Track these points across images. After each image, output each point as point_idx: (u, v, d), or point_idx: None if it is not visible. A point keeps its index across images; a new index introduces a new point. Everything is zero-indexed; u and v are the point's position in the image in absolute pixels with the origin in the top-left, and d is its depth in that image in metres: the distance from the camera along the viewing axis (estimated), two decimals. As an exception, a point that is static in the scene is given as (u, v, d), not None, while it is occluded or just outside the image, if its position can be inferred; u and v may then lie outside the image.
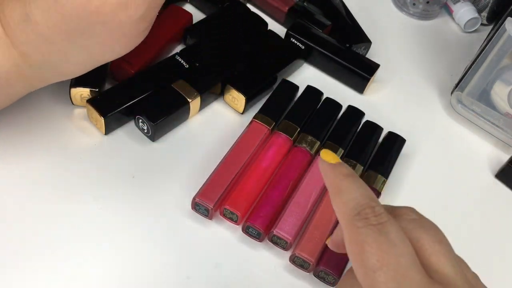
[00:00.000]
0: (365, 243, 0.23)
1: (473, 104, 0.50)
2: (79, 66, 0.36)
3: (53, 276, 0.35)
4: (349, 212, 0.25)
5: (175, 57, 0.46)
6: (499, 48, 0.48)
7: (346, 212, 0.25)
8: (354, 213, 0.25)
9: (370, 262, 0.23)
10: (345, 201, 0.26)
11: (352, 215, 0.25)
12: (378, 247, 0.23)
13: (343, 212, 0.25)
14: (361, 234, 0.24)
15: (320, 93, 0.48)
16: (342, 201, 0.26)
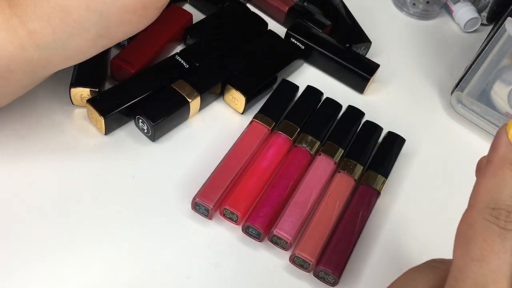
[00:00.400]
0: (482, 234, 0.23)
1: (473, 104, 0.50)
2: (89, 45, 0.35)
3: (52, 276, 0.35)
4: (487, 201, 0.24)
5: (175, 57, 0.46)
6: (499, 48, 0.48)
7: (484, 197, 0.25)
8: (490, 206, 0.24)
9: (474, 251, 0.23)
10: (490, 188, 0.25)
11: (487, 205, 0.24)
12: (491, 244, 0.23)
13: (481, 195, 0.25)
14: (484, 225, 0.24)
15: (320, 93, 0.48)
16: (488, 186, 0.25)
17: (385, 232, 0.42)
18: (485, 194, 0.25)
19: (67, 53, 0.35)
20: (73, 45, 0.35)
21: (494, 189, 0.25)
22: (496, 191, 0.25)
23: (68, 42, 0.34)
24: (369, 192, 0.42)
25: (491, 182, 0.25)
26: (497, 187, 0.25)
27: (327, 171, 0.42)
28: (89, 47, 0.36)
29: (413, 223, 0.43)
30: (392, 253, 0.41)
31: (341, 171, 0.42)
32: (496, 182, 0.25)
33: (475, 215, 0.24)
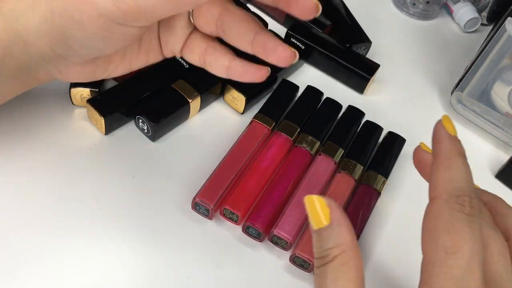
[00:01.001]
0: (453, 225, 0.23)
1: (473, 104, 0.50)
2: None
3: (52, 276, 0.35)
4: (450, 191, 0.25)
5: (175, 57, 0.46)
6: (499, 48, 0.48)
7: (446, 188, 0.25)
8: (454, 194, 0.25)
9: (447, 243, 0.23)
10: (449, 179, 0.25)
11: (451, 195, 0.25)
12: (462, 234, 0.23)
13: (443, 187, 0.25)
14: (452, 216, 0.24)
15: (320, 93, 0.48)
16: (446, 177, 0.25)
17: (385, 232, 0.42)
18: (445, 184, 0.25)
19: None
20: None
21: (453, 178, 0.25)
22: (455, 180, 0.25)
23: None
24: (369, 192, 0.42)
25: (447, 173, 0.25)
26: (455, 176, 0.25)
27: (327, 171, 0.42)
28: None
29: (413, 223, 0.43)
30: (392, 253, 0.41)
31: (341, 171, 0.42)
32: (453, 172, 0.25)
33: (441, 207, 0.24)
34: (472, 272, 0.23)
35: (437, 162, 0.27)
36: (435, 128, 0.28)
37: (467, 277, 0.23)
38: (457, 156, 0.26)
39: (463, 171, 0.26)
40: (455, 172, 0.25)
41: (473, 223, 0.24)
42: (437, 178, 0.26)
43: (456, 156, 0.26)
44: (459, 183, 0.25)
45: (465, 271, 0.23)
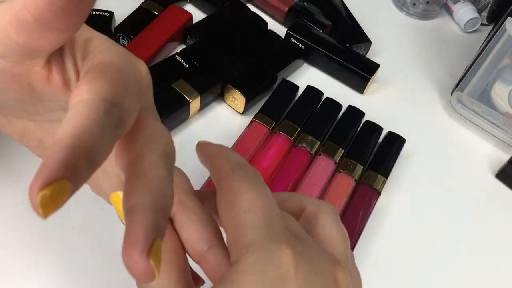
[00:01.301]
0: (242, 187, 0.23)
1: (473, 104, 0.50)
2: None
3: (52, 276, 0.35)
4: (231, 166, 0.24)
5: (175, 57, 0.46)
6: (499, 48, 0.48)
7: (227, 165, 0.25)
8: (235, 167, 0.24)
9: (243, 204, 0.23)
10: (228, 159, 0.25)
11: (233, 168, 0.24)
12: (252, 191, 0.23)
13: (224, 165, 0.25)
14: (238, 182, 0.23)
15: (320, 93, 0.48)
16: (225, 160, 0.25)
17: (385, 232, 0.42)
18: (226, 163, 0.25)
19: None
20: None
21: (229, 158, 0.25)
22: (231, 160, 0.25)
23: None
24: (369, 192, 0.42)
25: (222, 158, 0.25)
26: (229, 157, 0.25)
27: (327, 171, 0.42)
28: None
29: (413, 223, 0.43)
30: (392, 253, 0.41)
31: (341, 171, 0.42)
32: (225, 156, 0.25)
33: (227, 179, 0.24)
34: (275, 221, 0.23)
35: (209, 159, 0.27)
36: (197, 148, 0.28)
37: (272, 225, 0.23)
38: (220, 148, 0.26)
39: (232, 153, 0.26)
40: (226, 156, 0.25)
41: (260, 180, 0.24)
42: (214, 165, 0.26)
43: (219, 148, 0.26)
44: (236, 160, 0.25)
45: (268, 221, 0.23)
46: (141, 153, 0.21)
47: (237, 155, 0.26)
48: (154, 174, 0.20)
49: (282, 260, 0.21)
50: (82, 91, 0.20)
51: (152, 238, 0.18)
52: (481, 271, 0.42)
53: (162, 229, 0.19)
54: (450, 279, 0.40)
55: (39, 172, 0.17)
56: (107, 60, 0.22)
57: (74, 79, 0.23)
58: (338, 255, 0.24)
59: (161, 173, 0.21)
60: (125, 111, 0.20)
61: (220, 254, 0.24)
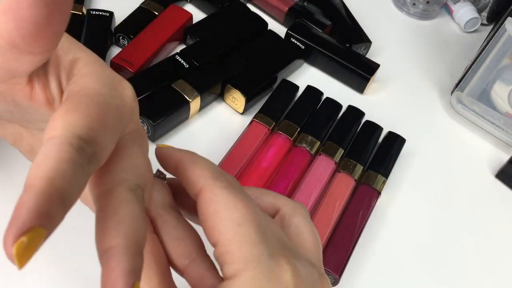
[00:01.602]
0: (229, 199, 0.23)
1: (473, 104, 0.50)
2: None
3: (52, 276, 0.35)
4: (210, 175, 0.24)
5: (175, 57, 0.46)
6: (499, 48, 0.48)
7: (206, 174, 0.25)
8: (216, 176, 0.24)
9: (234, 216, 0.23)
10: (204, 167, 0.25)
11: (214, 177, 0.24)
12: (241, 202, 0.23)
13: (203, 175, 0.25)
14: (223, 193, 0.23)
15: (320, 93, 0.48)
16: (200, 168, 0.25)
17: (385, 232, 0.42)
18: (204, 172, 0.25)
19: None
20: None
21: (205, 165, 0.26)
22: (207, 166, 0.26)
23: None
24: (369, 192, 0.42)
25: (198, 165, 0.26)
26: (204, 164, 0.26)
27: (327, 171, 0.42)
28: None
29: (413, 223, 0.43)
30: (392, 253, 0.41)
31: (341, 171, 0.42)
32: (200, 163, 0.26)
33: (210, 189, 0.24)
34: (269, 228, 0.23)
35: (182, 166, 0.26)
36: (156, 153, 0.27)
37: (267, 234, 0.23)
38: (192, 155, 0.27)
39: (205, 160, 0.26)
40: (201, 163, 0.26)
41: (242, 191, 0.24)
42: (191, 173, 0.25)
43: (192, 155, 0.27)
44: (212, 168, 0.26)
45: (262, 231, 0.23)
46: (112, 187, 0.21)
47: (210, 162, 0.26)
48: (125, 211, 0.20)
49: (282, 277, 0.22)
50: (56, 126, 0.19)
51: (131, 284, 0.19)
52: (481, 270, 0.42)
53: (139, 270, 0.19)
54: (450, 279, 0.40)
55: (12, 221, 0.17)
56: (88, 87, 0.21)
57: (58, 98, 0.23)
58: (315, 260, 0.25)
59: (132, 208, 0.20)
60: (100, 147, 0.20)
61: (203, 268, 0.24)
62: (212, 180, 0.24)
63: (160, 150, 0.27)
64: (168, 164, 0.27)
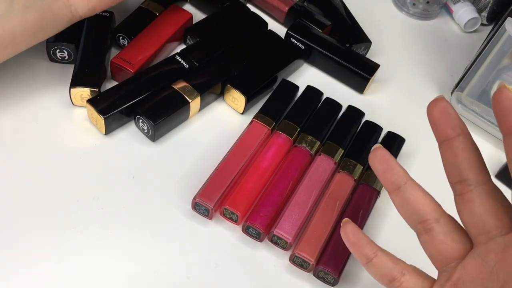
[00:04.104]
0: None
1: (473, 104, 0.50)
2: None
3: (52, 276, 0.35)
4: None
5: (175, 57, 0.46)
6: (499, 48, 0.48)
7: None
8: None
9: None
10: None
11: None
12: None
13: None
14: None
15: (320, 93, 0.48)
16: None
17: (385, 232, 0.42)
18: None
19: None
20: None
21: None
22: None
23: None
24: (369, 192, 0.42)
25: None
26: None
27: (327, 171, 0.42)
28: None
29: (413, 223, 0.43)
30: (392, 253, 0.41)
31: (341, 171, 0.42)
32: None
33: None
34: None
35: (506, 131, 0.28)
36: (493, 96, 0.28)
37: None
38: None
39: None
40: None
41: None
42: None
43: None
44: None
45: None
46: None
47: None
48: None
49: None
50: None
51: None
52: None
53: None
54: (450, 279, 0.40)
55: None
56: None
57: None
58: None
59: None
60: None
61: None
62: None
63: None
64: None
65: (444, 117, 0.30)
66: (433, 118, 0.31)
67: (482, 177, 0.29)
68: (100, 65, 0.44)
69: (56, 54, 0.45)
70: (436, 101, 0.31)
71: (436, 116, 0.30)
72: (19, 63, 0.45)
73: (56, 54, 0.45)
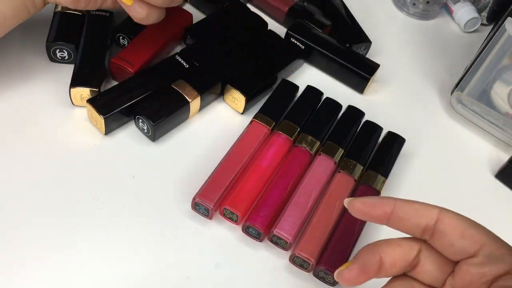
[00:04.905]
0: (465, 219, 0.31)
1: (473, 104, 0.50)
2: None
3: (52, 276, 0.35)
4: (435, 206, 0.31)
5: (175, 57, 0.46)
6: (499, 48, 0.48)
7: (432, 206, 0.31)
8: (439, 206, 0.31)
9: (480, 227, 0.31)
10: (420, 203, 0.31)
11: (439, 207, 0.31)
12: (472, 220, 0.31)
13: (430, 207, 0.31)
14: (457, 214, 0.31)
15: (320, 93, 0.48)
16: (419, 203, 0.31)
17: (385, 232, 0.42)
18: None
19: None
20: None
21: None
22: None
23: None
24: (369, 192, 0.42)
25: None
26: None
27: (327, 171, 0.42)
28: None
29: (413, 223, 0.43)
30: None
31: (341, 171, 0.42)
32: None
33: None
34: None
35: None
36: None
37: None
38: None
39: None
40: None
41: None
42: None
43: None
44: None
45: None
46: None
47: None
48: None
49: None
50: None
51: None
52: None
53: None
54: (450, 279, 0.40)
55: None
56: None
57: None
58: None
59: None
60: None
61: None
62: (439, 208, 0.31)
63: (365, 201, 0.30)
64: (377, 208, 0.30)
65: (368, 206, 0.30)
66: (358, 211, 0.30)
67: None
68: (100, 65, 0.44)
69: (56, 54, 0.45)
70: (350, 204, 0.30)
71: (360, 208, 0.30)
72: (19, 63, 0.45)
73: (56, 54, 0.45)
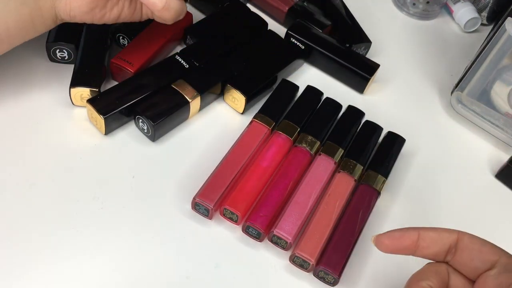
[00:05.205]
0: (478, 238, 0.34)
1: (473, 104, 0.50)
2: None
3: (52, 276, 0.35)
4: (450, 229, 0.34)
5: (175, 57, 0.46)
6: (499, 48, 0.48)
7: (450, 230, 0.34)
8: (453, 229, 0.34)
9: (492, 245, 0.33)
10: (437, 227, 0.34)
11: (455, 230, 0.34)
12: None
13: (448, 230, 0.34)
14: (472, 235, 0.34)
15: (320, 93, 0.48)
16: (435, 228, 0.34)
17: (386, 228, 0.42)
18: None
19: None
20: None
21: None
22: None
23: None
24: (369, 192, 0.42)
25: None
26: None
27: (327, 171, 0.42)
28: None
29: (413, 223, 0.43)
30: (392, 253, 0.41)
31: (341, 171, 0.42)
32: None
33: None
34: None
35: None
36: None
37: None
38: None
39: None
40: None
41: None
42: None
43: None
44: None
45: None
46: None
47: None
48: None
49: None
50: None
51: None
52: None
53: None
54: (450, 279, 0.40)
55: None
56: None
57: None
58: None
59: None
60: None
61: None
62: (457, 230, 0.34)
63: (390, 235, 0.34)
64: (405, 239, 0.33)
65: (395, 239, 0.33)
66: (387, 247, 0.34)
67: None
68: (100, 65, 0.44)
69: (56, 54, 0.45)
70: (378, 242, 0.34)
71: (387, 244, 0.33)
72: (19, 63, 0.45)
73: (56, 54, 0.45)
